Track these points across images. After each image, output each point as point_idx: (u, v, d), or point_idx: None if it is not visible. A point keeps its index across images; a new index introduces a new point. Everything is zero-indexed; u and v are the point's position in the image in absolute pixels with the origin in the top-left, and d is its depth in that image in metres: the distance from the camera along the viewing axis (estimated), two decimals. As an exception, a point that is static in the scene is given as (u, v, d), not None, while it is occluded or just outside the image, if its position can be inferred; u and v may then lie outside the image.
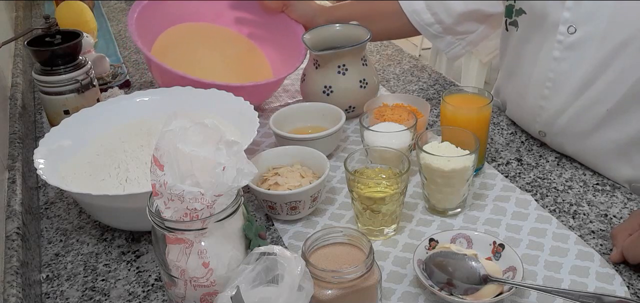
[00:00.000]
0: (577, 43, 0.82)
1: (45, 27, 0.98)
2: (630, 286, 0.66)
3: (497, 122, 1.03)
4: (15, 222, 0.73)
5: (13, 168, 0.87)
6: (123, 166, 0.80)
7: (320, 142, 0.89)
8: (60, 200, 0.89)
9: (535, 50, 0.89)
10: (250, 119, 0.85)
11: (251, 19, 1.22)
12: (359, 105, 1.02)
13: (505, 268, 0.66)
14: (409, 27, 1.12)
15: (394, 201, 0.73)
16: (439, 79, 1.22)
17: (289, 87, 1.21)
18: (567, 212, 0.79)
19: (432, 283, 0.64)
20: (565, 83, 0.85)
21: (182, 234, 0.55)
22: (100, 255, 0.77)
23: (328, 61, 1.01)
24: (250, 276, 0.53)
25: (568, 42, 0.82)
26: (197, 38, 1.19)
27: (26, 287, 0.65)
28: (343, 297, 0.58)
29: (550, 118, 0.89)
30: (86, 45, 1.14)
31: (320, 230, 0.63)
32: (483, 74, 2.82)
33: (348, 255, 0.61)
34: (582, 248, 0.71)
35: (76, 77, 0.98)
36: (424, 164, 0.76)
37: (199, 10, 1.23)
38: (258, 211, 0.83)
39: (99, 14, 1.78)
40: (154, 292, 0.70)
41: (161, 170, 0.54)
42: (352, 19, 1.11)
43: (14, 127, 0.99)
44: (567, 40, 0.82)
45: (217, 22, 1.24)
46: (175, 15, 1.20)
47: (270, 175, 0.81)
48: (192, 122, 0.55)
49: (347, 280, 0.57)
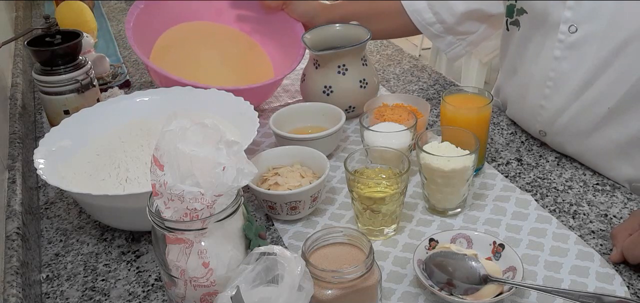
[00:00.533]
0: (578, 42, 0.82)
1: (45, 27, 0.98)
2: (630, 286, 0.66)
3: (497, 122, 1.03)
4: (15, 222, 0.73)
5: (13, 168, 0.87)
6: (123, 166, 0.80)
7: (320, 142, 0.89)
8: (60, 200, 0.89)
9: (537, 49, 0.89)
10: (250, 119, 0.85)
11: (252, 17, 1.22)
12: (359, 105, 1.02)
13: (505, 268, 0.66)
14: (410, 27, 1.12)
15: (394, 201, 0.73)
16: (439, 79, 1.22)
17: (289, 87, 1.21)
18: (567, 212, 0.79)
19: (432, 283, 0.64)
20: (566, 82, 0.85)
21: (182, 234, 0.55)
22: (100, 255, 0.77)
23: (328, 61, 1.01)
24: (250, 276, 0.53)
25: (569, 42, 0.82)
26: (198, 37, 1.19)
27: (26, 287, 0.65)
28: (343, 297, 0.57)
29: (550, 117, 0.89)
30: (86, 45, 1.14)
31: (320, 230, 0.63)
32: (483, 74, 2.82)
33: (348, 255, 0.61)
34: (582, 248, 0.71)
35: (76, 77, 0.98)
36: (424, 164, 0.76)
37: (200, 10, 1.23)
38: (258, 211, 0.83)
39: (99, 14, 1.78)
40: (154, 292, 0.70)
41: (161, 170, 0.54)
42: (353, 18, 1.11)
43: (14, 127, 0.99)
44: (568, 40, 0.82)
45: (218, 20, 1.23)
46: (175, 16, 1.20)
47: (270, 175, 0.81)
48: (192, 122, 0.55)
49: (347, 280, 0.57)
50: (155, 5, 1.15)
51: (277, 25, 1.18)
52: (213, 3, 1.23)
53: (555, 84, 0.86)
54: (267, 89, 1.08)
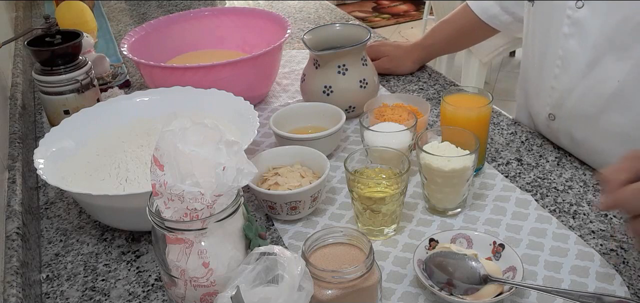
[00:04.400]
0: (583, 18, 0.82)
1: (45, 27, 0.98)
2: (630, 286, 0.66)
3: (497, 122, 1.03)
4: (15, 222, 0.73)
5: (13, 168, 0.87)
6: (123, 166, 0.80)
7: (320, 142, 0.89)
8: (60, 200, 0.89)
9: (547, 26, 0.89)
10: (250, 119, 0.85)
11: (256, 40, 1.22)
12: (359, 105, 1.02)
13: (505, 268, 0.66)
14: (490, 32, 1.16)
15: (394, 201, 0.73)
16: (439, 79, 1.22)
17: (289, 87, 1.21)
18: (567, 212, 0.79)
19: (432, 283, 0.64)
20: (574, 61, 0.85)
21: (182, 234, 0.55)
22: (100, 255, 0.77)
23: (328, 61, 1.01)
24: (250, 276, 0.53)
25: (576, 17, 0.83)
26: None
27: (26, 287, 0.65)
28: (343, 297, 0.58)
29: (559, 98, 0.89)
30: (86, 45, 1.14)
31: (320, 230, 0.63)
32: (483, 74, 2.82)
33: (348, 255, 0.61)
34: (582, 248, 0.71)
35: (76, 77, 0.98)
36: (424, 164, 0.76)
37: (200, 38, 1.24)
38: (258, 211, 0.83)
39: (99, 14, 1.78)
40: (154, 292, 0.70)
41: (161, 170, 0.54)
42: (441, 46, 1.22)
43: (14, 127, 0.99)
44: (575, 15, 0.83)
45: (221, 46, 1.24)
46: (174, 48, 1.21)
47: (270, 175, 0.81)
48: (192, 122, 0.55)
49: (347, 280, 0.57)
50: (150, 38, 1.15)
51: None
52: (214, 28, 1.24)
53: (564, 63, 0.86)
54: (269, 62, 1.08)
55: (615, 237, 0.73)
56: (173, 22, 1.23)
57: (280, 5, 1.76)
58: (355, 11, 4.63)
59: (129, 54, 1.06)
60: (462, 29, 1.18)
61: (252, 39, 1.23)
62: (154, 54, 1.12)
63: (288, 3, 1.77)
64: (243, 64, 1.02)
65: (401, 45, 1.23)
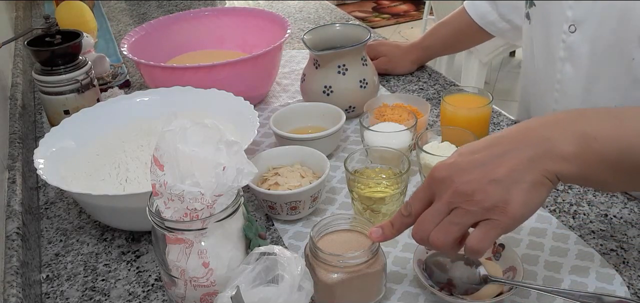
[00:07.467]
0: (575, 43, 0.81)
1: (45, 27, 0.98)
2: (630, 286, 0.66)
3: (497, 122, 1.03)
4: (15, 222, 0.73)
5: (13, 168, 0.87)
6: (123, 166, 0.80)
7: (320, 142, 0.89)
8: (60, 200, 0.89)
9: (544, 49, 0.89)
10: (250, 119, 0.85)
11: (256, 40, 1.22)
12: (359, 105, 1.02)
13: (505, 268, 0.66)
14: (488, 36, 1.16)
15: (394, 201, 0.73)
16: (439, 79, 1.22)
17: (289, 87, 1.21)
18: (567, 212, 0.79)
19: (432, 283, 0.64)
20: (570, 85, 0.84)
21: (182, 234, 0.55)
22: (100, 255, 0.77)
23: (328, 61, 1.01)
24: (250, 276, 0.53)
25: (570, 42, 0.82)
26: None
27: (26, 287, 0.65)
28: (349, 281, 0.60)
29: None
30: (86, 45, 1.14)
31: (328, 217, 0.65)
32: (483, 74, 2.82)
33: (355, 241, 0.64)
34: (582, 248, 0.71)
35: (76, 77, 0.98)
36: (424, 164, 0.76)
37: (200, 38, 1.23)
38: (258, 211, 0.83)
39: (99, 14, 1.78)
40: (154, 292, 0.70)
41: (161, 170, 0.54)
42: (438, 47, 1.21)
43: (14, 127, 0.99)
44: (569, 40, 0.82)
45: (221, 46, 1.24)
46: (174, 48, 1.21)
47: (270, 175, 0.81)
48: (192, 122, 0.55)
49: (352, 265, 0.59)
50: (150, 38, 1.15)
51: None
52: (213, 29, 1.24)
53: (562, 87, 0.86)
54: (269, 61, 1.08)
55: (616, 237, 0.73)
56: (173, 22, 1.23)
57: (280, 5, 1.76)
58: (355, 11, 4.64)
59: (129, 54, 1.06)
60: (459, 32, 1.18)
61: (252, 39, 1.23)
62: (154, 54, 1.12)
63: (288, 3, 1.77)
64: (243, 64, 1.02)
65: (399, 45, 1.23)
